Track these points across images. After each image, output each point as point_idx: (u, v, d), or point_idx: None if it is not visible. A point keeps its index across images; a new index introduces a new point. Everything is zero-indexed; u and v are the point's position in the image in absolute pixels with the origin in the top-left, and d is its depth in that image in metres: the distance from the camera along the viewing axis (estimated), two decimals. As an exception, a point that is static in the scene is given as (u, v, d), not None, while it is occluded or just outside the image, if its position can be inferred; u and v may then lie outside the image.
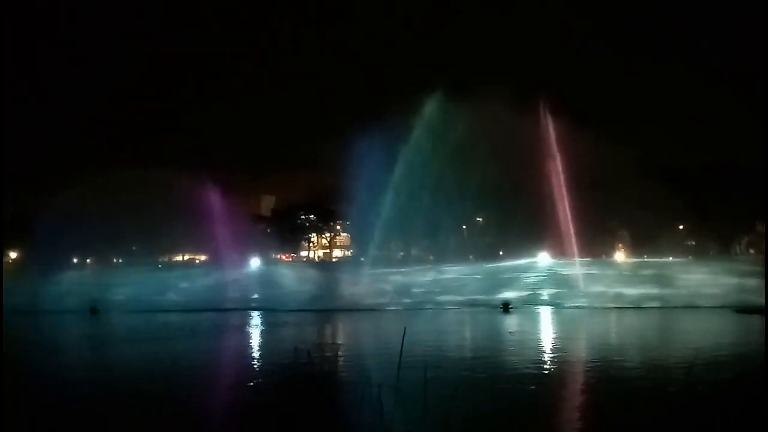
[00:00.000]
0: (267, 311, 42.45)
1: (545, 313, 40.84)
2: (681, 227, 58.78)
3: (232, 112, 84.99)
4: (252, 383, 17.67)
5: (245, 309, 43.86)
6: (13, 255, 63.85)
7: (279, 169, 67.05)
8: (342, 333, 34.06)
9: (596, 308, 41.66)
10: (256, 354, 25.46)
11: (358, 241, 65.07)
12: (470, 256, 56.24)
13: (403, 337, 12.00)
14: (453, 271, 51.55)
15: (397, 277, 50.34)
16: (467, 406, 13.41)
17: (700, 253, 56.04)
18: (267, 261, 61.42)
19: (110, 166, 60.18)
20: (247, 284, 51.94)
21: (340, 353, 23.28)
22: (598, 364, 19.81)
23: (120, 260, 67.00)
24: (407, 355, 13.35)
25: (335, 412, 13.73)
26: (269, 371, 19.37)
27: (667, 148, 47.72)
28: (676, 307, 39.94)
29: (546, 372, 18.49)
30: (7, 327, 35.09)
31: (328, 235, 72.58)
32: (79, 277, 54.87)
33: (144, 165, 59.38)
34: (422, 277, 50.68)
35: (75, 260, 61.52)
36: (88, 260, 61.07)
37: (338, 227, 70.71)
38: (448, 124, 52.68)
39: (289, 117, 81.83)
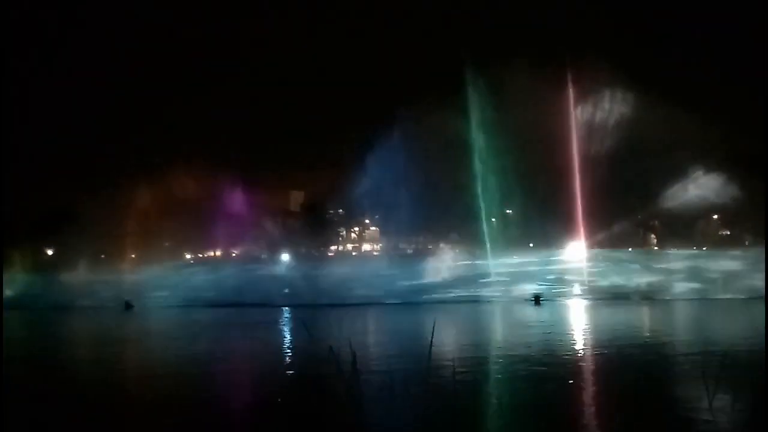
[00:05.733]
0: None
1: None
2: (715, 217, 57.83)
3: (259, 109, 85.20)
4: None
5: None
6: (49, 252, 64.99)
7: (308, 165, 67.17)
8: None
9: (625, 301, 41.37)
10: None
11: (388, 235, 65.15)
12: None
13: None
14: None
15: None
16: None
17: (734, 244, 55.07)
18: (299, 257, 61.58)
19: (140, 165, 60.98)
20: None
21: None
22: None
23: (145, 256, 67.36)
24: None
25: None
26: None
27: (702, 134, 46.76)
28: (708, 299, 39.60)
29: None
30: (52, 323, 35.99)
31: (356, 229, 72.68)
32: (111, 273, 55.72)
33: (174, 164, 59.98)
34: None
35: (103, 256, 62.23)
36: (112, 257, 61.63)
37: (367, 221, 70.78)
38: (477, 114, 52.51)
39: (316, 111, 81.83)
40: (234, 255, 66.78)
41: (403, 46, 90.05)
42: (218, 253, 69.36)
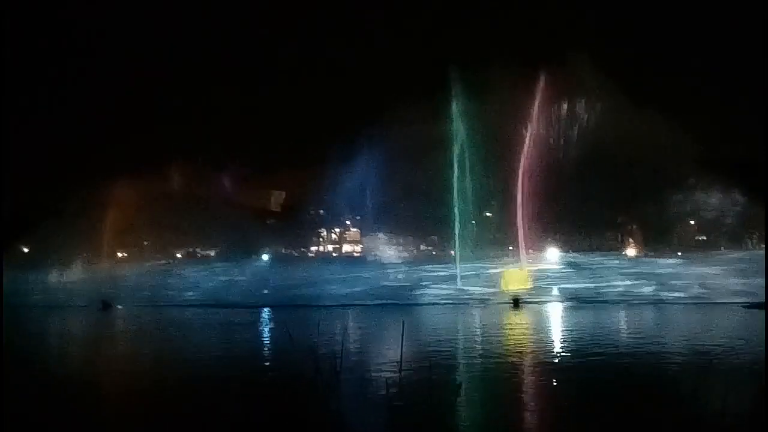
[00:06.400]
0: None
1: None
2: (692, 222, 58.42)
3: (241, 109, 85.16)
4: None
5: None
6: (25, 249, 63.96)
7: (289, 165, 67.10)
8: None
9: (607, 304, 41.66)
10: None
11: (369, 237, 65.07)
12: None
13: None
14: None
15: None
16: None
17: (710, 249, 55.65)
18: (279, 257, 61.38)
19: (121, 164, 60.42)
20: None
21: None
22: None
23: (124, 254, 66.74)
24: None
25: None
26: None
27: (683, 139, 47.39)
28: (686, 304, 40.00)
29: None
30: (20, 322, 35.51)
31: (337, 230, 72.51)
32: (89, 272, 55.14)
33: (155, 163, 59.62)
34: None
35: (82, 255, 61.38)
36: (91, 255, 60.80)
37: (348, 222, 70.64)
38: (458, 117, 52.62)
39: (299, 112, 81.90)
40: (213, 255, 66.36)
41: (385, 48, 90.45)
42: (198, 252, 68.93)
